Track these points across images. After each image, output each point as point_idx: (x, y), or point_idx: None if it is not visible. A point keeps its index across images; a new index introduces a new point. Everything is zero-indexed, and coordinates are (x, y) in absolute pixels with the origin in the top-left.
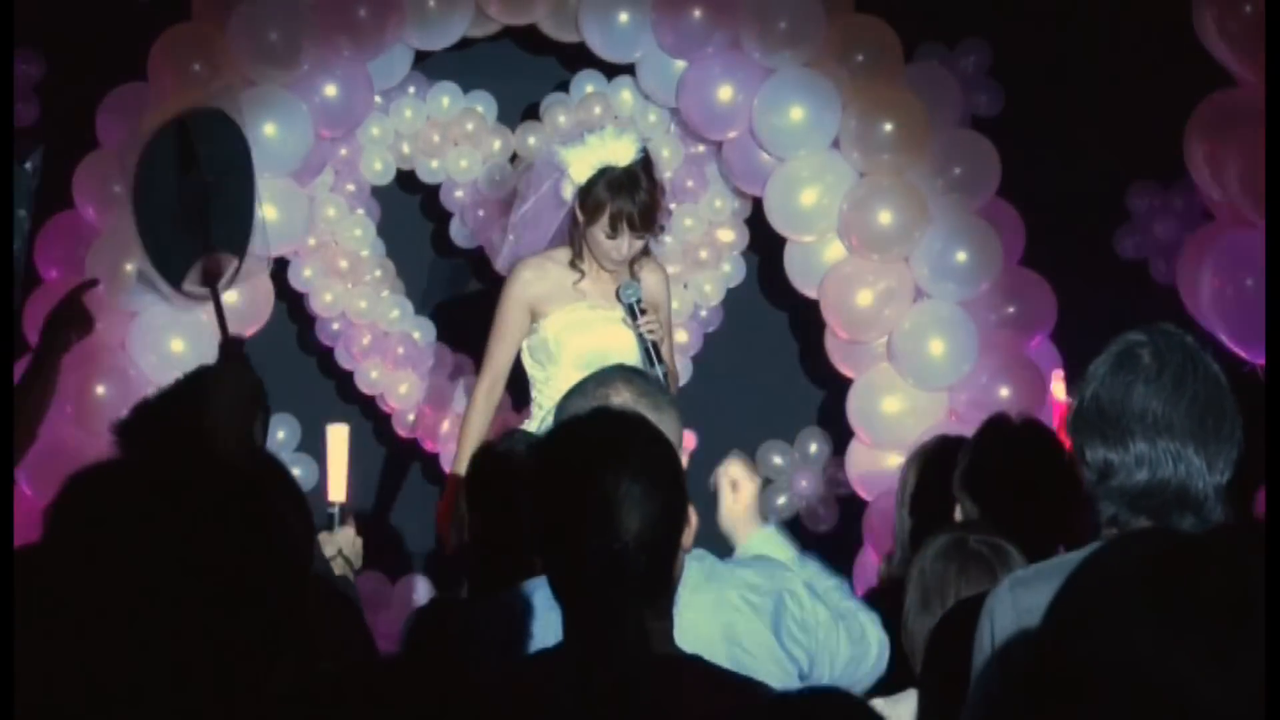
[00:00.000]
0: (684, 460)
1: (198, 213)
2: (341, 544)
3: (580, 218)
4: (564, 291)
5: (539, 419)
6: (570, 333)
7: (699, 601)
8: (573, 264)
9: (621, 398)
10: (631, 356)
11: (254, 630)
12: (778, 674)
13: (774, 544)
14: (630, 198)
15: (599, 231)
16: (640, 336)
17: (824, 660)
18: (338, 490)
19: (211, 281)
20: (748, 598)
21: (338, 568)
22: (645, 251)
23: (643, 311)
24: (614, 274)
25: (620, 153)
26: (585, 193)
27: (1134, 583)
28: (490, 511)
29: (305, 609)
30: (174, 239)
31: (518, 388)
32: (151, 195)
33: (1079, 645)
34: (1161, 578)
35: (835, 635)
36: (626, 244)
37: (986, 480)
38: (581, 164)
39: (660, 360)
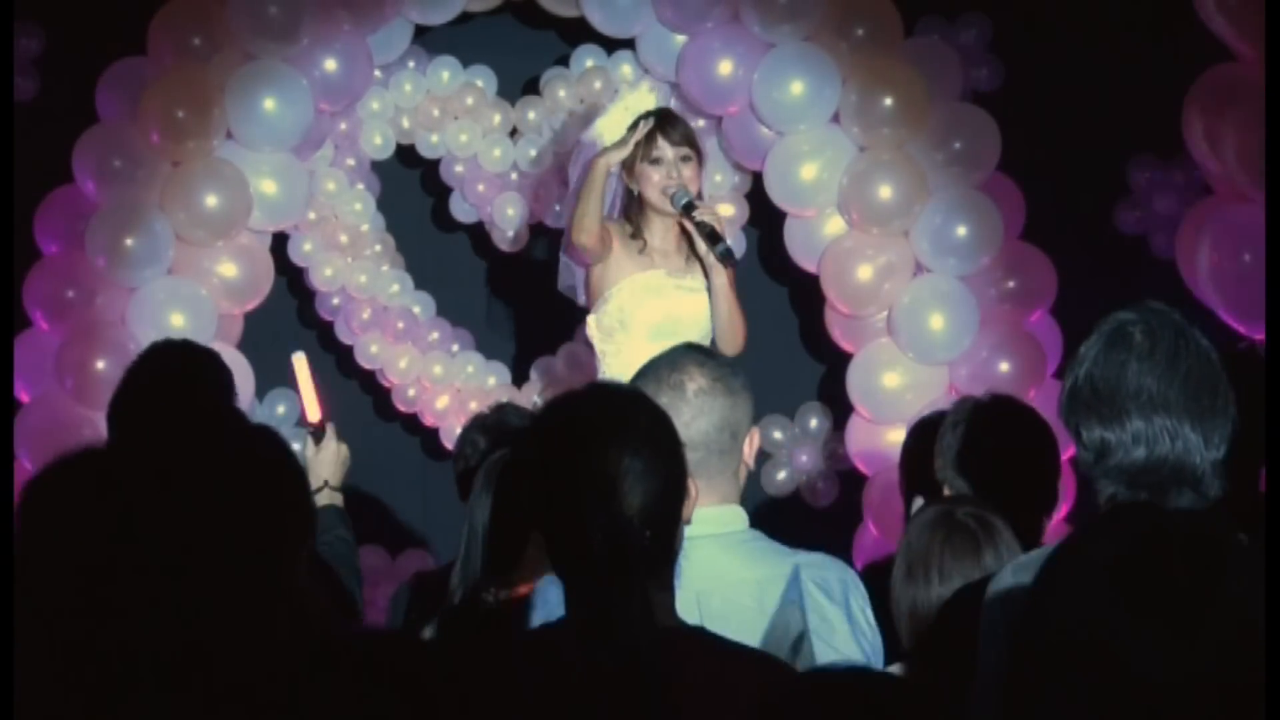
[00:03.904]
0: (750, 452)
1: None
2: (325, 467)
3: (627, 179)
4: (636, 254)
5: None
6: (641, 298)
7: (771, 577)
8: (633, 236)
9: (696, 384)
10: (702, 325)
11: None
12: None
13: None
14: (658, 113)
15: (644, 168)
16: (698, 225)
17: (875, 661)
18: (313, 413)
19: None
20: (818, 580)
21: (325, 497)
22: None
23: (698, 204)
24: (678, 248)
25: (644, 101)
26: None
27: (1101, 570)
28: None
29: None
30: None
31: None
32: None
33: (1051, 629)
34: (1127, 565)
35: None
36: (671, 155)
37: (977, 459)
38: (614, 126)
39: (722, 239)
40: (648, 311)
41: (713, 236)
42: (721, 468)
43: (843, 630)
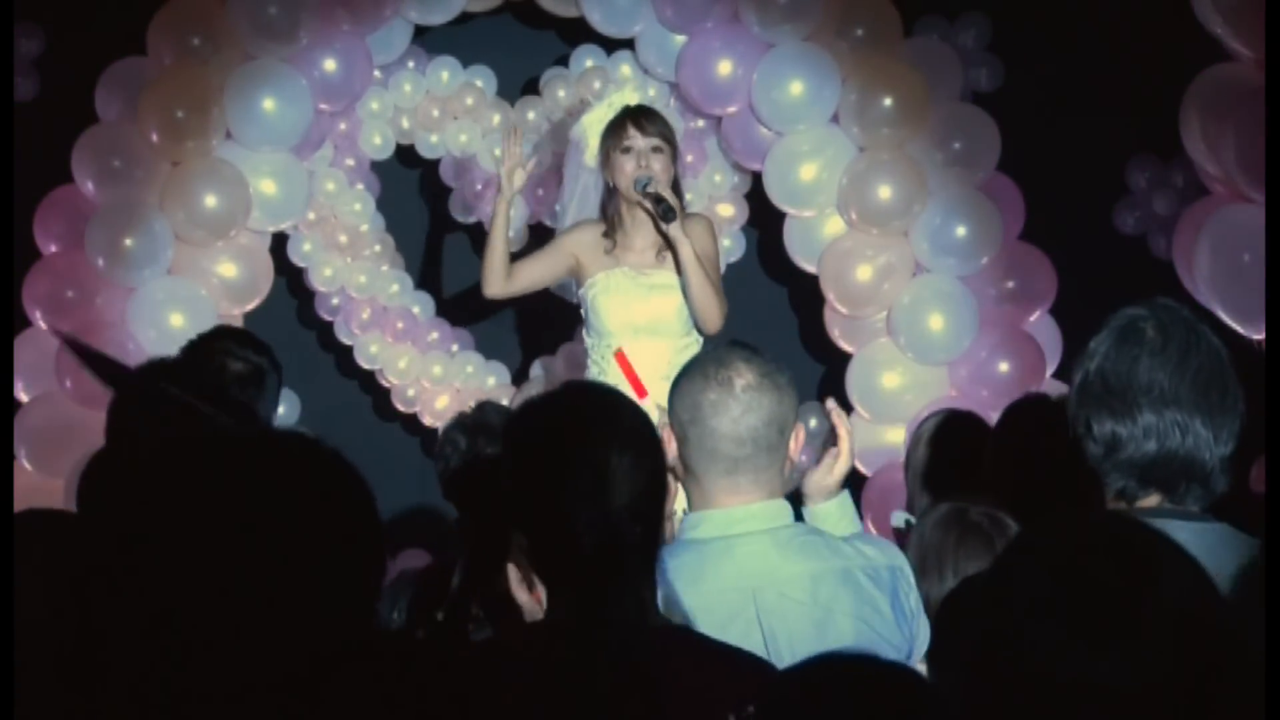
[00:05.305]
0: (796, 448)
1: None
2: None
3: (604, 174)
4: (602, 254)
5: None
6: (608, 299)
7: (823, 571)
8: (606, 234)
9: (744, 380)
10: (671, 323)
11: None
12: (892, 653)
13: (847, 517)
14: (632, 106)
15: (618, 158)
16: (650, 196)
17: (919, 648)
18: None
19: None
20: (868, 570)
21: None
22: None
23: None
24: (651, 243)
25: (627, 98)
26: (602, 137)
27: (1027, 588)
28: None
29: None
30: None
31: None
32: None
33: (986, 645)
34: (1059, 573)
35: (925, 626)
36: (642, 145)
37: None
38: (599, 123)
39: (665, 200)
40: (613, 311)
41: (657, 199)
42: (769, 463)
43: (887, 616)
